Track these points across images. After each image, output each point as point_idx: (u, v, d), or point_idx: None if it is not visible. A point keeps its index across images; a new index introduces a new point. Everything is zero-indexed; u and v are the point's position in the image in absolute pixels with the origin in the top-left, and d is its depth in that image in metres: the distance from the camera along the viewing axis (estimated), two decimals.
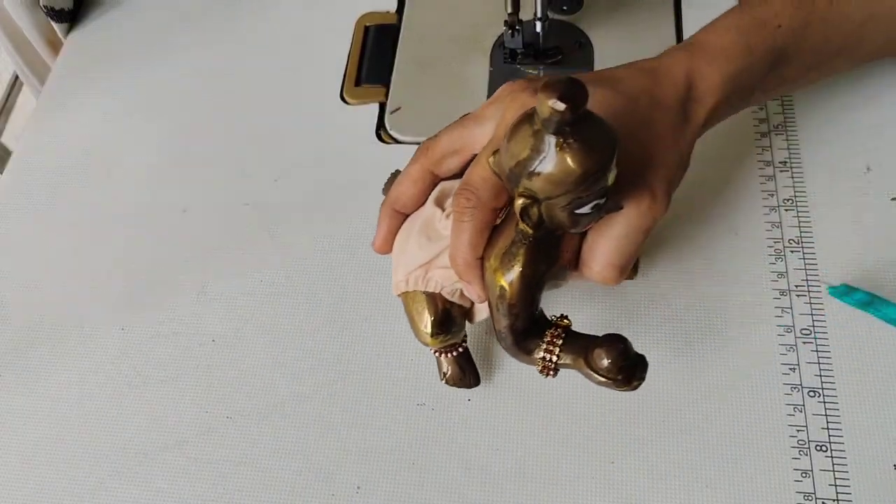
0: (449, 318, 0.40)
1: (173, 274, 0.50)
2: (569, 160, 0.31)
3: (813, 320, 0.44)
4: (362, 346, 0.46)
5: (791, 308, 0.44)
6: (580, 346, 0.35)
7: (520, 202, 0.32)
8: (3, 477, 0.44)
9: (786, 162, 0.50)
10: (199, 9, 0.64)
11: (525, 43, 0.55)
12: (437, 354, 0.43)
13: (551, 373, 0.36)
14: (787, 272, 0.46)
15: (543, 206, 0.33)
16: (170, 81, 0.60)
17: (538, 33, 0.55)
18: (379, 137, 0.55)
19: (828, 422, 0.41)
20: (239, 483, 0.42)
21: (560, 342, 0.35)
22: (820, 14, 0.42)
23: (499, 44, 0.58)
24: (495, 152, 0.35)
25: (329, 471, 0.42)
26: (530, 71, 0.56)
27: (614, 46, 0.57)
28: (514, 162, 0.32)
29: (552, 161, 0.31)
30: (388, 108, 0.56)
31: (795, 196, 0.48)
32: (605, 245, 0.36)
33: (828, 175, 0.49)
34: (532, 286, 0.35)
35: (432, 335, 0.40)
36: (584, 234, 0.37)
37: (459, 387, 0.43)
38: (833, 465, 0.40)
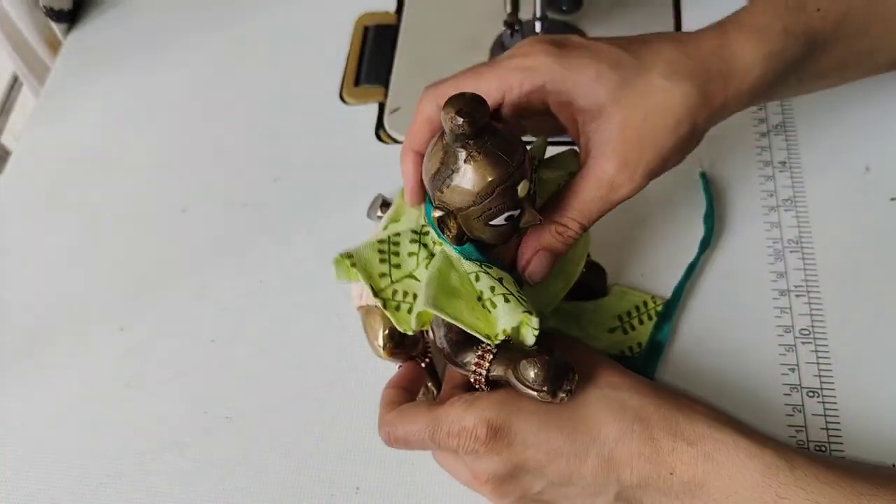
0: (401, 334, 0.39)
1: (173, 274, 0.50)
2: (472, 172, 0.32)
3: (812, 320, 0.44)
4: (362, 347, 0.46)
5: (790, 308, 0.44)
6: (510, 358, 0.35)
7: (436, 214, 0.33)
8: (2, 477, 0.44)
9: (785, 162, 0.50)
10: (198, 9, 0.64)
11: None
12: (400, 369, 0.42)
13: (482, 384, 0.35)
14: (786, 272, 0.46)
15: (460, 218, 0.33)
16: (169, 81, 0.60)
17: (537, 33, 0.55)
18: (378, 137, 0.55)
19: (827, 422, 0.41)
20: (238, 483, 0.42)
21: (490, 356, 0.35)
22: (861, 2, 0.40)
23: (498, 44, 0.58)
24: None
25: (328, 471, 0.42)
26: None
27: None
28: (428, 176, 0.33)
29: (459, 174, 0.32)
30: (388, 109, 0.56)
31: (795, 196, 0.48)
32: (570, 199, 0.36)
33: (828, 175, 0.49)
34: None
35: (385, 348, 0.39)
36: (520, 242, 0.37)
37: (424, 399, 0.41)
38: None
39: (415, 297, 0.37)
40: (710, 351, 0.43)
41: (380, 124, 0.56)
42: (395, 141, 0.55)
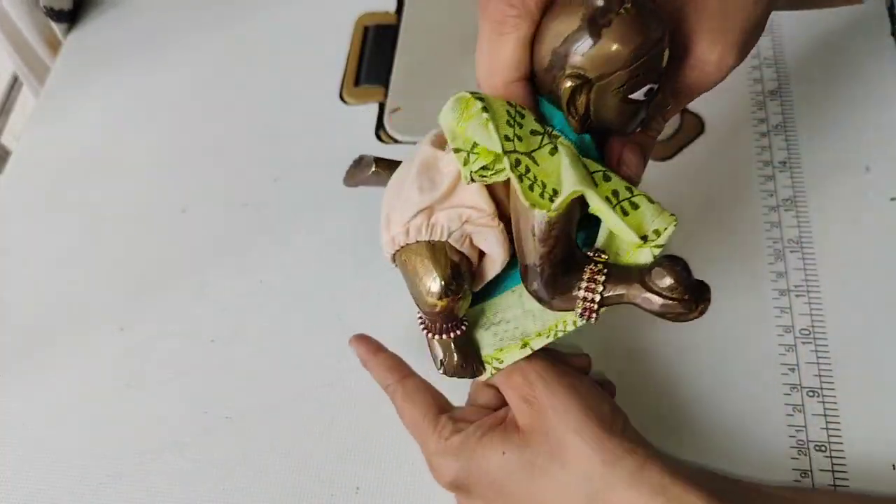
0: (460, 274, 0.33)
1: (173, 274, 0.50)
2: (627, 27, 0.28)
3: (812, 320, 0.44)
4: None
5: (790, 308, 0.44)
6: (628, 275, 0.30)
7: (567, 84, 0.29)
8: (2, 477, 0.44)
9: (785, 162, 0.50)
10: (198, 9, 0.64)
11: None
12: (430, 335, 0.36)
13: (593, 315, 0.31)
14: (786, 272, 0.46)
15: (594, 92, 0.29)
16: (169, 81, 0.60)
17: None
18: (378, 138, 0.55)
19: (827, 422, 0.41)
20: (238, 483, 0.42)
21: (602, 278, 0.31)
22: None
23: None
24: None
25: (328, 471, 0.42)
26: None
27: None
28: (560, 40, 0.29)
29: (609, 31, 0.28)
30: (388, 109, 0.56)
31: (795, 196, 0.48)
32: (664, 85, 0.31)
33: (828, 175, 0.49)
34: (575, 202, 0.30)
35: (443, 293, 0.33)
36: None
37: (460, 377, 0.37)
38: (832, 465, 0.40)
39: (534, 177, 0.30)
40: (710, 351, 0.43)
41: (380, 124, 0.56)
42: (396, 141, 0.55)
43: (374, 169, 0.39)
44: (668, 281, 0.30)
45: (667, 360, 0.43)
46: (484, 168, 0.31)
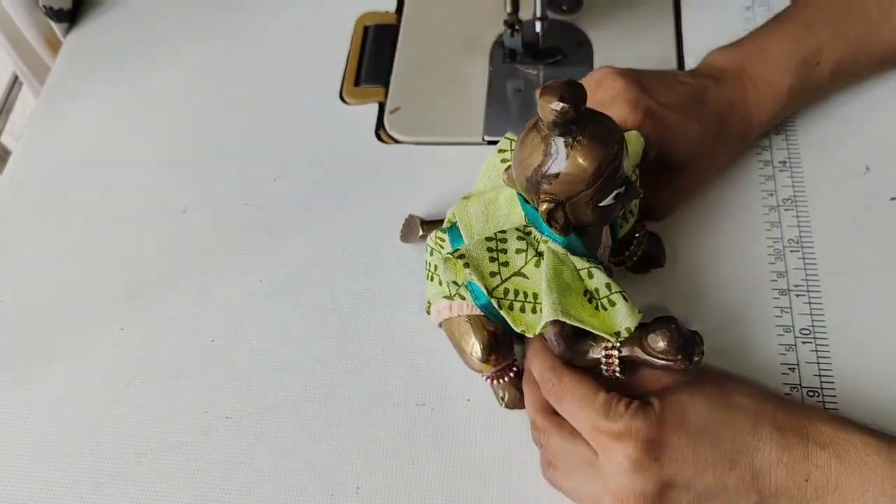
0: (497, 340, 0.39)
1: (173, 274, 0.50)
2: (580, 158, 0.31)
3: (812, 320, 0.44)
4: (362, 346, 0.46)
5: (790, 308, 0.44)
6: (631, 339, 0.35)
7: (544, 207, 0.33)
8: (3, 477, 0.43)
9: (785, 162, 0.50)
10: (198, 9, 0.64)
11: (525, 43, 0.55)
12: (489, 381, 0.42)
13: (617, 371, 0.36)
14: (786, 272, 0.46)
15: (568, 207, 0.33)
16: (169, 81, 0.60)
17: (538, 33, 0.55)
18: (378, 137, 0.55)
19: None
20: (239, 483, 0.42)
21: (618, 342, 0.35)
22: (853, 44, 0.46)
23: (498, 43, 0.58)
24: (508, 168, 0.35)
25: (329, 471, 0.42)
26: (530, 71, 0.56)
27: (614, 46, 0.57)
28: (529, 171, 0.33)
29: (567, 162, 0.32)
30: (388, 108, 0.56)
31: (795, 196, 0.48)
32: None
33: (828, 175, 0.49)
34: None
35: (483, 360, 0.39)
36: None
37: (520, 408, 0.42)
38: None
39: (525, 294, 0.36)
40: (711, 351, 0.43)
41: (380, 124, 0.56)
42: (396, 141, 0.55)
43: (421, 233, 0.47)
44: (661, 345, 0.35)
45: None
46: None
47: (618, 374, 0.36)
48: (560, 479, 0.38)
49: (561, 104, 0.30)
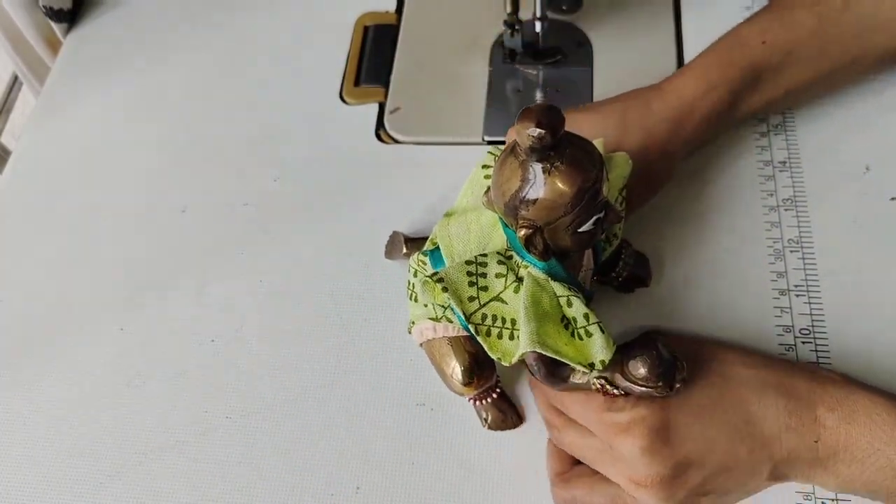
0: (478, 362, 0.39)
1: (172, 274, 0.50)
2: (559, 183, 0.31)
3: (812, 320, 0.44)
4: (361, 346, 0.46)
5: (790, 308, 0.44)
6: (612, 363, 0.34)
7: (522, 233, 0.32)
8: (3, 476, 0.44)
9: (785, 162, 0.50)
10: (198, 9, 0.64)
11: (524, 43, 0.55)
12: (472, 402, 0.41)
13: (615, 390, 0.35)
14: (786, 272, 0.46)
15: (547, 233, 0.33)
16: (169, 81, 0.60)
17: (538, 33, 0.55)
18: (378, 137, 0.55)
19: None
20: (238, 483, 0.42)
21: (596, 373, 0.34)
22: (811, 28, 0.43)
23: (498, 43, 0.58)
24: (487, 190, 0.35)
25: (328, 471, 0.42)
26: (530, 71, 0.56)
27: (613, 46, 0.57)
28: (507, 196, 0.32)
29: (545, 188, 0.31)
30: (388, 108, 0.56)
31: (795, 196, 0.48)
32: None
33: (828, 175, 0.49)
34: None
35: (464, 383, 0.39)
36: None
37: (503, 429, 0.42)
38: None
39: (503, 320, 0.35)
40: None
41: (380, 124, 0.56)
42: (396, 141, 0.55)
43: (405, 251, 0.45)
44: (641, 372, 0.34)
45: None
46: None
47: (616, 392, 0.35)
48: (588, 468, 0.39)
49: (538, 130, 0.29)
